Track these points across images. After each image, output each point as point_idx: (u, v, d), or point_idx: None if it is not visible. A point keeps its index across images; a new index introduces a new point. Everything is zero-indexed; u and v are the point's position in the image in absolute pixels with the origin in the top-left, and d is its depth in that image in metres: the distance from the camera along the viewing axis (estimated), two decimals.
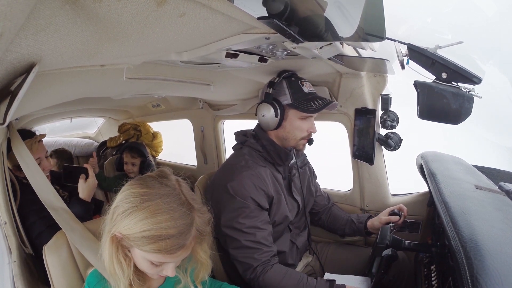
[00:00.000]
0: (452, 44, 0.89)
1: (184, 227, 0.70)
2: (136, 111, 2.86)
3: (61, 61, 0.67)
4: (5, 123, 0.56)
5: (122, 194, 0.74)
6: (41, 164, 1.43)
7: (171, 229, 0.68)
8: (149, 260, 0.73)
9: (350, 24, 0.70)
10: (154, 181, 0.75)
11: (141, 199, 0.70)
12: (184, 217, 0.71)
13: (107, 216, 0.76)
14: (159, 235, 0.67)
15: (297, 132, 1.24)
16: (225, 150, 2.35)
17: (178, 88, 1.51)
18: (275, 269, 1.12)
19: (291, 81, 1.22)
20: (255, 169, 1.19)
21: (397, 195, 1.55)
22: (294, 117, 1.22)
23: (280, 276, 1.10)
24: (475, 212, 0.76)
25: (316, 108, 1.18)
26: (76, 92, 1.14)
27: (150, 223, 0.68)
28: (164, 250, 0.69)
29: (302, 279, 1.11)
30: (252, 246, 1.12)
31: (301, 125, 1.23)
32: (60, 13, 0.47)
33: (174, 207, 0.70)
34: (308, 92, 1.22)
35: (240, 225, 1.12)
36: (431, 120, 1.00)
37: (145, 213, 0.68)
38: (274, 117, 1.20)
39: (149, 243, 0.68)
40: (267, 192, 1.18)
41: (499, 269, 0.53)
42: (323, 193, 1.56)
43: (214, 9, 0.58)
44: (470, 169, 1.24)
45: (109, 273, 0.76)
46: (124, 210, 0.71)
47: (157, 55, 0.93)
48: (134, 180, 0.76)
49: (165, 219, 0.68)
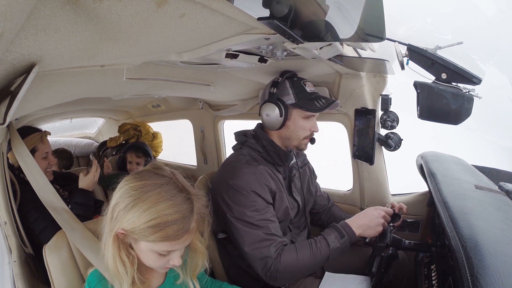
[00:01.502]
0: (452, 44, 0.89)
1: (186, 211, 0.73)
2: (136, 111, 2.86)
3: (61, 61, 0.67)
4: (5, 123, 0.56)
5: (120, 190, 0.75)
6: (48, 158, 1.51)
7: (175, 214, 0.71)
8: (156, 251, 0.74)
9: (350, 25, 0.70)
10: (150, 173, 0.77)
11: (141, 191, 0.72)
12: (185, 201, 0.73)
13: (106, 217, 0.77)
14: (165, 222, 0.69)
15: (300, 132, 1.24)
16: (225, 150, 2.35)
17: (178, 88, 1.51)
18: (285, 251, 1.10)
19: (294, 81, 1.23)
20: (256, 166, 1.19)
21: (397, 195, 1.56)
22: (297, 116, 1.23)
23: (293, 254, 1.09)
24: (475, 212, 0.76)
25: (320, 107, 1.19)
26: (76, 92, 1.14)
27: (154, 212, 0.69)
28: (171, 237, 0.71)
29: (312, 247, 1.09)
30: (268, 238, 1.10)
31: (304, 124, 1.24)
32: (61, 13, 0.47)
33: (174, 194, 0.73)
34: (311, 91, 1.23)
35: (251, 218, 1.11)
36: (431, 120, 1.00)
37: (148, 203, 0.70)
38: (278, 117, 1.21)
39: (155, 232, 0.70)
40: (270, 187, 1.18)
41: (499, 269, 0.53)
42: (323, 193, 1.56)
43: (214, 10, 0.58)
44: (470, 169, 1.23)
45: (112, 273, 0.76)
46: (125, 205, 0.71)
47: (157, 56, 0.93)
48: (130, 176, 0.77)
49: (167, 205, 0.70)
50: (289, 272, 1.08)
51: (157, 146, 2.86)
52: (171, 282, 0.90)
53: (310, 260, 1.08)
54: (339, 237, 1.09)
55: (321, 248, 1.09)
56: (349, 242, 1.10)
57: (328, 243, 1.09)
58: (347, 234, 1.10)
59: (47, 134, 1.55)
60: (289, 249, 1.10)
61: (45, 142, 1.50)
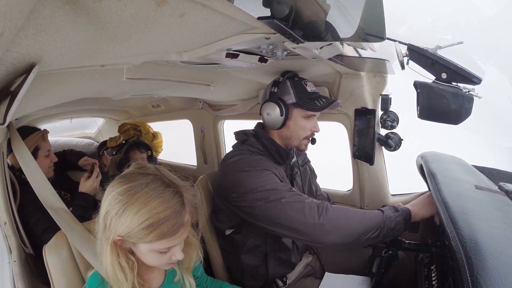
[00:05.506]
0: (452, 44, 0.89)
1: (177, 205, 0.72)
2: (136, 111, 2.86)
3: (61, 61, 0.67)
4: (5, 123, 0.56)
5: (108, 198, 0.74)
6: (50, 156, 1.55)
7: (166, 211, 0.70)
8: (156, 250, 0.74)
9: (350, 25, 0.70)
10: (135, 174, 0.76)
11: (128, 194, 0.71)
12: (174, 196, 0.73)
13: (99, 226, 0.76)
14: (158, 221, 0.69)
15: (301, 131, 1.24)
16: (225, 150, 2.34)
17: (178, 88, 1.51)
18: (335, 207, 1.04)
19: (294, 81, 1.24)
20: (261, 158, 1.20)
21: (397, 195, 1.55)
22: (298, 116, 1.23)
23: (343, 210, 1.02)
24: (475, 212, 0.76)
25: (321, 106, 1.19)
26: (76, 92, 1.14)
27: (145, 212, 0.69)
28: (167, 233, 0.71)
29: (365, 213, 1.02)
30: (299, 195, 1.05)
31: (305, 124, 1.24)
32: (60, 13, 0.47)
33: (162, 190, 0.72)
34: (312, 91, 1.23)
35: (275, 185, 1.07)
36: (431, 120, 1.00)
37: (137, 205, 0.69)
38: (279, 116, 1.21)
39: (150, 232, 0.69)
40: (276, 174, 1.16)
41: (499, 269, 0.53)
42: (323, 193, 1.56)
43: (214, 9, 0.58)
44: (470, 169, 1.23)
45: (111, 280, 0.76)
46: (116, 212, 0.71)
47: (157, 55, 0.93)
48: (115, 181, 0.76)
49: (157, 203, 0.70)
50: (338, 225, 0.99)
51: (157, 146, 2.86)
52: (170, 281, 0.90)
53: (361, 217, 1.00)
54: (393, 210, 1.04)
55: (374, 213, 1.02)
56: (403, 217, 1.02)
57: (383, 211, 1.03)
58: (401, 210, 1.04)
59: (47, 132, 1.57)
60: (337, 207, 1.04)
61: (46, 140, 1.54)
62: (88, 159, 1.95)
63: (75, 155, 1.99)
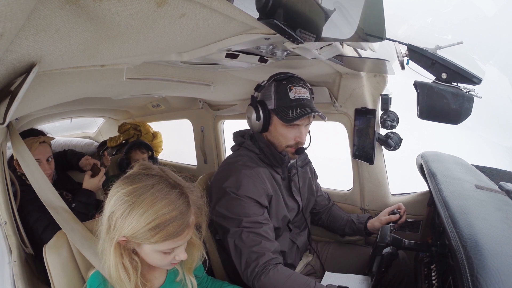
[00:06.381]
0: (452, 44, 0.89)
1: (183, 206, 0.73)
2: (136, 111, 2.86)
3: (61, 61, 0.67)
4: (5, 123, 0.56)
5: (113, 198, 0.73)
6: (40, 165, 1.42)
7: (172, 212, 0.71)
8: (160, 251, 0.75)
9: (350, 25, 0.70)
10: (140, 175, 0.76)
11: (135, 195, 0.71)
12: (180, 197, 0.73)
13: (102, 227, 0.76)
14: (164, 222, 0.69)
15: (281, 139, 1.19)
16: (225, 150, 2.35)
17: (178, 88, 1.51)
18: (279, 270, 1.06)
19: (279, 85, 1.16)
20: (254, 168, 1.18)
21: (397, 195, 1.56)
22: (278, 123, 1.17)
23: (283, 277, 1.04)
24: (475, 211, 0.76)
25: (291, 118, 1.11)
26: (76, 92, 1.14)
27: (151, 213, 0.69)
28: (173, 234, 0.71)
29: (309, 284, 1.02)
30: (255, 239, 1.08)
31: (285, 132, 1.18)
32: (61, 14, 0.47)
33: (167, 191, 0.72)
34: (294, 98, 1.14)
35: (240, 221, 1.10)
36: (431, 120, 1.00)
37: (143, 206, 0.70)
38: (256, 121, 1.18)
39: (156, 233, 0.70)
40: (266, 191, 1.17)
41: (499, 269, 0.53)
42: (323, 193, 1.56)
43: (214, 10, 0.58)
44: (470, 169, 1.23)
45: (114, 281, 0.76)
46: (122, 212, 0.71)
47: (157, 56, 0.93)
48: (120, 181, 0.76)
49: (163, 205, 0.70)
50: None
51: (157, 146, 2.86)
52: (171, 280, 0.90)
53: None
54: None
55: None
56: None
57: None
58: None
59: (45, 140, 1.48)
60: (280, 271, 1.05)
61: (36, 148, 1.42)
62: (89, 158, 1.93)
63: (76, 156, 1.97)
